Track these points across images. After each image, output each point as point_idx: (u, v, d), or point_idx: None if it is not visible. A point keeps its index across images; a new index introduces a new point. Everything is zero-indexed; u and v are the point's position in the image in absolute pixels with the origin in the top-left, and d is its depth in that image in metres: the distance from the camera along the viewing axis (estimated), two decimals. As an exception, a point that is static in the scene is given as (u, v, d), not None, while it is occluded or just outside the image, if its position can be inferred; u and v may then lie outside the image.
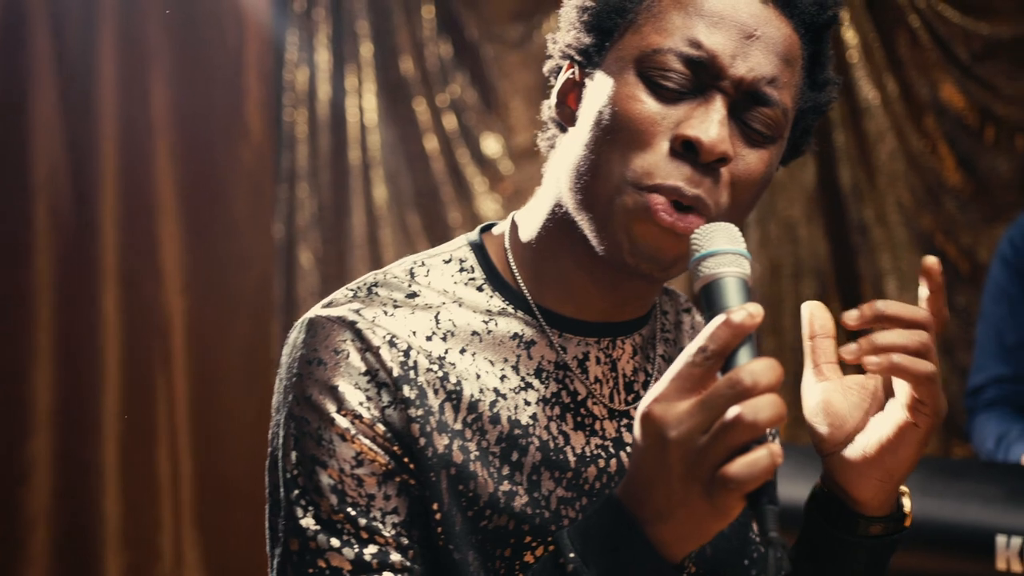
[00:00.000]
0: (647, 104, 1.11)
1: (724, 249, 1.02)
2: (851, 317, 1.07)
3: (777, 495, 0.93)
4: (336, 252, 3.98)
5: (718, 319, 0.94)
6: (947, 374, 3.64)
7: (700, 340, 0.94)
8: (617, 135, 1.11)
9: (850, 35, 3.70)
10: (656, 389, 0.95)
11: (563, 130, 1.23)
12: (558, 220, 1.20)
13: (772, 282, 3.73)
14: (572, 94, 1.20)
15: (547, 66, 1.28)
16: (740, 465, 0.90)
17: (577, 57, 1.20)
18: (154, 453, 3.52)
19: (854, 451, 1.13)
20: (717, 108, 1.10)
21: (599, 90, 1.15)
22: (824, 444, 1.15)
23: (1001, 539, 1.88)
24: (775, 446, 0.90)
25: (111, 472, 3.43)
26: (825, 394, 1.14)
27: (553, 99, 1.23)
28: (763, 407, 0.89)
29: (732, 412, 0.89)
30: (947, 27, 3.64)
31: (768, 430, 0.91)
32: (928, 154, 3.69)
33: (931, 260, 1.11)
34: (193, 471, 3.57)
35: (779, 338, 3.75)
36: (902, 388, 1.10)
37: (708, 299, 1.00)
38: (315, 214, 3.96)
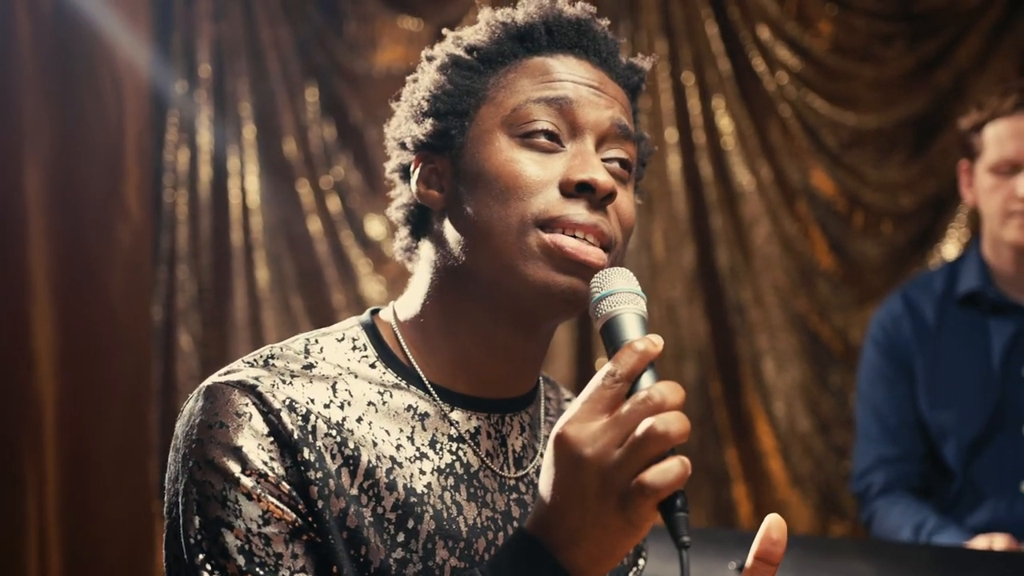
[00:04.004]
0: (526, 162, 1.20)
1: (621, 289, 1.10)
2: None
3: (687, 503, 0.97)
4: (217, 335, 3.91)
5: (624, 347, 1.01)
6: (824, 453, 3.72)
7: (608, 366, 1.00)
8: (507, 194, 1.19)
9: (725, 122, 3.82)
10: (568, 414, 1.00)
11: (425, 220, 1.30)
12: (449, 298, 1.26)
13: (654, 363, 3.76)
14: (433, 179, 1.28)
15: (391, 165, 1.36)
16: (655, 472, 0.95)
17: (434, 144, 1.27)
18: (23, 546, 3.37)
19: None
20: (592, 151, 1.22)
21: (473, 163, 1.23)
22: None
23: (877, 616, 1.91)
24: (684, 458, 0.96)
25: (-26, 566, 3.28)
26: None
27: (414, 188, 1.29)
28: (673, 420, 0.96)
29: (645, 425, 0.95)
30: (816, 117, 3.78)
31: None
32: (801, 238, 3.80)
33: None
34: (63, 565, 3.42)
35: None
36: None
37: (610, 334, 1.08)
38: (195, 296, 3.89)
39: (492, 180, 1.20)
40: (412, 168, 1.30)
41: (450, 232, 1.24)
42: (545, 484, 1.01)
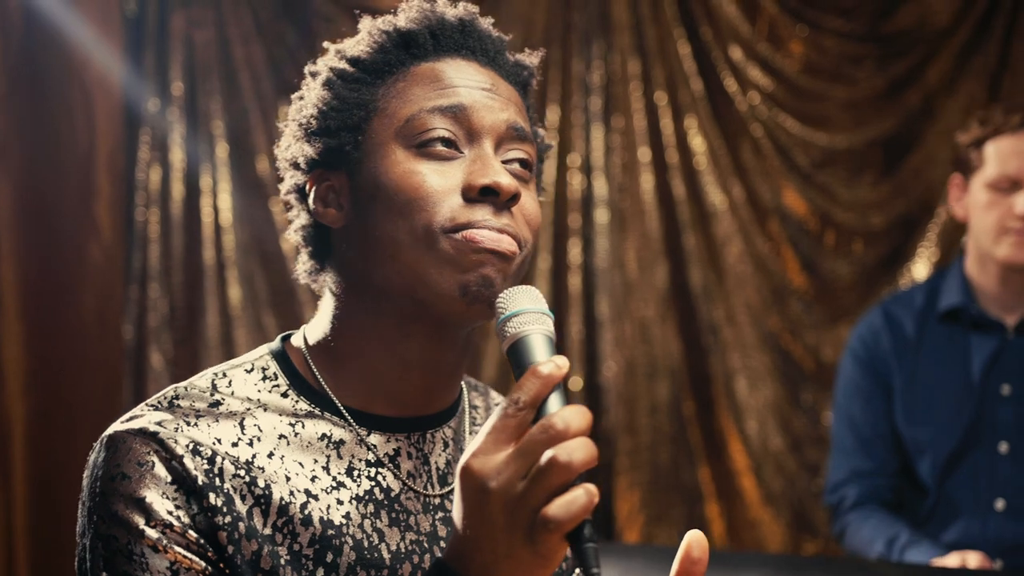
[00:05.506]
0: (426, 172, 1.18)
1: (528, 308, 1.07)
2: None
3: (595, 534, 0.95)
4: (189, 354, 3.88)
5: (527, 372, 0.98)
6: (796, 471, 3.73)
7: (512, 393, 0.97)
8: (411, 206, 1.16)
9: (697, 142, 3.83)
10: (473, 444, 0.97)
11: (325, 240, 1.27)
12: (357, 317, 1.23)
13: (627, 381, 3.78)
14: (330, 197, 1.25)
15: (285, 186, 1.32)
16: (558, 506, 0.93)
17: (328, 161, 1.24)
18: (-11, 567, 3.34)
19: None
20: (491, 154, 1.20)
21: (371, 177, 1.20)
22: None
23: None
24: (591, 486, 0.93)
25: (-59, 588, 3.24)
26: None
27: (311, 207, 1.26)
28: (576, 449, 0.93)
29: (547, 455, 0.93)
30: (787, 136, 3.81)
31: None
32: (773, 257, 3.82)
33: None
34: (31, 586, 3.39)
35: (634, 437, 3.79)
36: None
37: (516, 356, 1.05)
38: (167, 315, 3.87)
39: (393, 193, 1.17)
40: (307, 188, 1.27)
41: (353, 250, 1.22)
42: (457, 516, 0.99)
